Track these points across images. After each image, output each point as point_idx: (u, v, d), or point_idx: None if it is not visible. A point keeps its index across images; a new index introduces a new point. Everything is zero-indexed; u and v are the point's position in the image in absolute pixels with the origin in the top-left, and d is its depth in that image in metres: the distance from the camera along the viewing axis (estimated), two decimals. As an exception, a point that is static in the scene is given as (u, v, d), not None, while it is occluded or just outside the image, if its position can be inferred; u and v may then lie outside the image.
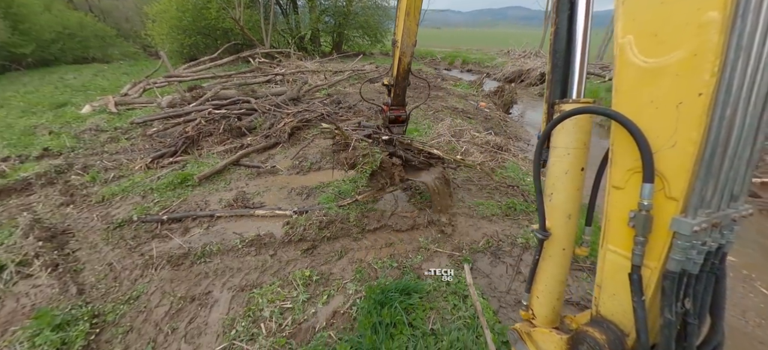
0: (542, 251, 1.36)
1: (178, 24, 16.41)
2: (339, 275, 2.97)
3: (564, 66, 1.33)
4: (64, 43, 19.83)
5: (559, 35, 1.33)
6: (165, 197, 4.24)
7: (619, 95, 0.99)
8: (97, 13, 25.91)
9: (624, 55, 0.95)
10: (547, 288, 1.40)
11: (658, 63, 0.88)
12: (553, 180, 1.29)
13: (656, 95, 0.89)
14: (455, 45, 34.88)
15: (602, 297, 1.16)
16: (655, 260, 0.96)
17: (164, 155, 5.26)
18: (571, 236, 1.33)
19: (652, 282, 0.98)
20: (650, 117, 0.91)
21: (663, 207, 0.92)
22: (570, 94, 1.33)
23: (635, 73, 0.93)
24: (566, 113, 1.16)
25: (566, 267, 1.36)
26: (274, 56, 15.56)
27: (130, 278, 2.99)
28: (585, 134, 1.23)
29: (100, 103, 8.60)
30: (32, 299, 2.80)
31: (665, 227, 0.91)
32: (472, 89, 12.73)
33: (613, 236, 1.09)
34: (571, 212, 1.29)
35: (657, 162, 0.90)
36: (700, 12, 0.78)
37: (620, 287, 1.07)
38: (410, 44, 3.35)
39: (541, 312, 1.43)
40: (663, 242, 0.93)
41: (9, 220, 3.82)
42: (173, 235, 3.49)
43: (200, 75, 11.14)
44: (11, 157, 5.48)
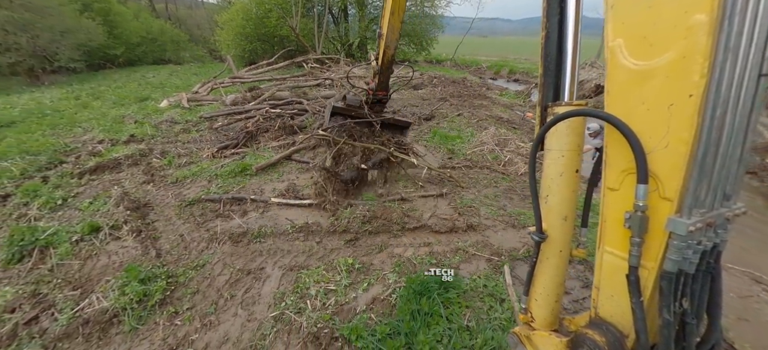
0: (539, 253, 1.37)
1: (241, 31, 17.99)
2: (378, 266, 3.13)
3: (556, 70, 1.35)
4: (147, 46, 22.65)
5: (549, 40, 1.35)
6: (227, 182, 4.73)
7: (610, 97, 1.00)
8: (174, 21, 29.22)
9: (615, 58, 0.97)
10: (545, 291, 1.39)
11: (648, 65, 0.89)
12: (548, 182, 1.30)
13: (647, 97, 0.90)
14: (503, 54, 33.94)
15: (601, 299, 1.16)
16: (652, 261, 0.96)
17: (227, 146, 5.85)
18: (567, 238, 1.32)
19: (649, 283, 0.98)
20: (642, 118, 0.92)
21: (658, 208, 0.92)
22: (562, 97, 1.34)
23: (626, 76, 0.94)
24: (559, 115, 1.18)
25: (564, 268, 1.37)
26: (324, 62, 16.40)
27: (197, 248, 3.40)
28: (578, 137, 1.24)
29: (175, 98, 9.73)
30: (120, 257, 3.32)
31: (661, 227, 0.91)
32: (519, 99, 12.37)
33: (609, 237, 1.08)
34: (567, 214, 1.29)
35: (650, 163, 0.91)
36: (688, 15, 0.80)
37: (618, 288, 1.07)
38: (394, 39, 3.78)
39: (539, 315, 1.43)
40: (659, 242, 0.94)
41: (104, 191, 4.52)
42: (234, 216, 3.90)
43: (259, 77, 12.11)
44: (105, 140, 6.44)
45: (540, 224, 1.32)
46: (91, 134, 6.94)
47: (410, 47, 24.42)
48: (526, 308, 1.48)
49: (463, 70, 21.29)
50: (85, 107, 9.44)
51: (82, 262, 3.24)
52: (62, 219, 3.93)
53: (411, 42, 24.06)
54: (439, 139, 6.69)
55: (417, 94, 11.76)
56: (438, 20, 24.06)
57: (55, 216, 3.99)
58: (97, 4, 19.30)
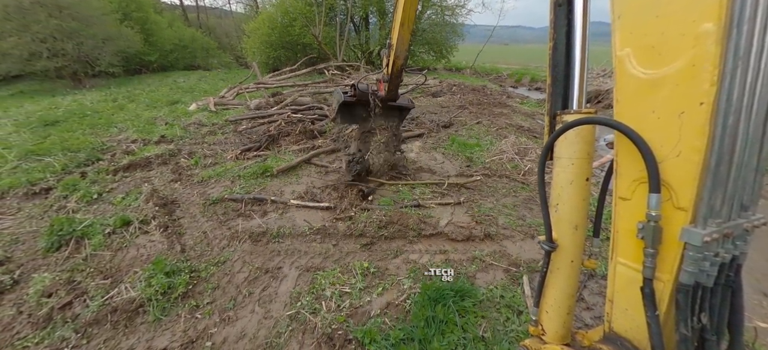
0: (550, 263, 1.33)
1: (267, 39, 18.66)
2: (394, 271, 3.13)
3: (564, 79, 1.35)
4: (179, 53, 23.90)
5: (557, 50, 1.35)
6: (249, 183, 4.89)
7: (620, 106, 0.99)
8: (204, 29, 30.70)
9: (623, 67, 0.96)
10: (556, 302, 1.36)
11: (657, 74, 0.88)
12: (558, 190, 1.29)
13: (657, 105, 0.89)
14: (524, 62, 33.38)
15: (614, 313, 1.13)
16: (668, 273, 0.93)
17: (250, 149, 6.05)
18: (579, 248, 1.30)
19: (665, 296, 0.95)
20: (653, 127, 0.91)
21: (672, 218, 0.90)
22: (571, 105, 1.33)
23: (635, 85, 0.93)
24: (568, 123, 1.16)
25: (575, 279, 1.33)
26: (345, 69, 16.71)
27: (219, 245, 3.52)
28: (588, 144, 1.23)
29: (203, 102, 10.18)
30: (148, 250, 3.48)
31: (675, 238, 0.89)
32: (540, 108, 12.09)
33: (622, 248, 1.06)
34: (578, 223, 1.26)
35: (663, 172, 0.89)
36: (696, 24, 0.79)
37: (632, 301, 1.04)
38: (403, 49, 3.78)
39: (550, 328, 1.39)
40: (674, 253, 0.91)
41: (135, 188, 4.77)
42: (255, 215, 4.01)
43: (282, 83, 12.49)
44: (138, 140, 6.81)
45: (550, 233, 1.30)
46: (125, 133, 7.37)
47: (430, 55, 24.47)
48: (537, 320, 1.45)
49: (483, 78, 21.09)
50: (121, 109, 10.04)
51: (114, 253, 3.43)
52: (97, 212, 4.17)
53: (431, 50, 24.11)
54: (457, 146, 6.64)
55: (436, 101, 11.74)
56: (458, 29, 24.01)
57: (90, 209, 4.25)
58: (136, 14, 20.61)
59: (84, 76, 16.31)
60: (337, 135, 6.68)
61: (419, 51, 24.37)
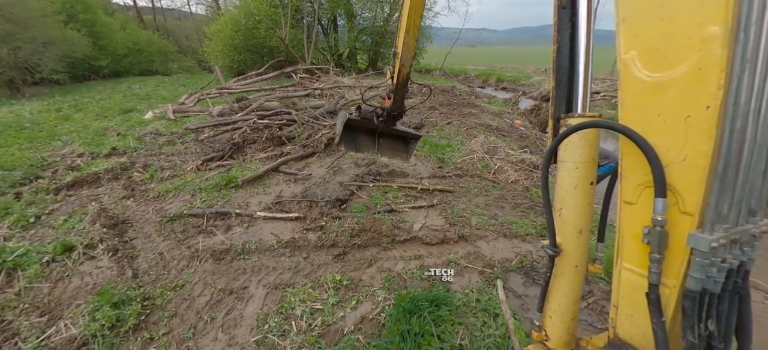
0: (554, 268, 1.33)
1: (230, 42, 17.89)
2: (368, 282, 3.02)
3: (568, 82, 1.35)
4: (134, 57, 22.34)
5: (561, 53, 1.35)
6: (212, 196, 4.57)
7: (625, 109, 0.98)
8: (162, 32, 28.97)
9: (628, 71, 0.95)
10: (560, 308, 1.35)
11: (663, 77, 0.87)
12: (563, 195, 1.27)
13: (663, 109, 0.89)
14: (490, 63, 34.53)
15: (619, 318, 1.11)
16: (674, 279, 0.92)
17: (213, 158, 5.69)
18: (583, 253, 1.29)
19: (671, 302, 0.94)
20: (658, 130, 0.90)
21: (678, 222, 0.89)
22: (575, 108, 1.33)
23: (640, 88, 0.93)
24: (573, 127, 1.16)
25: (579, 284, 1.32)
26: (313, 72, 16.38)
27: (177, 267, 3.24)
28: (592, 148, 1.22)
29: (160, 110, 9.53)
30: (94, 278, 3.13)
31: (682, 243, 0.88)
32: (507, 107, 12.51)
33: (627, 253, 1.05)
34: (582, 228, 1.26)
35: (668, 176, 0.88)
36: (702, 27, 0.78)
37: (638, 307, 1.03)
38: (409, 57, 3.62)
39: (554, 333, 1.38)
40: (680, 259, 0.90)
41: (80, 208, 4.31)
42: (217, 231, 3.74)
43: (247, 88, 11.98)
44: (85, 153, 6.21)
45: (554, 238, 1.29)
46: (70, 147, 6.70)
47: (400, 57, 24.60)
48: (541, 326, 1.43)
49: (452, 79, 21.53)
50: (66, 120, 9.15)
51: (53, 285, 3.05)
52: (34, 238, 3.71)
53: (401, 52, 24.26)
54: (429, 148, 6.65)
55: (407, 103, 11.76)
56: (426, 31, 24.38)
57: (26, 235, 3.77)
58: (82, 15, 18.99)
59: (23, 83, 14.75)
60: (307, 141, 6.47)
61: (388, 53, 24.48)
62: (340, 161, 5.81)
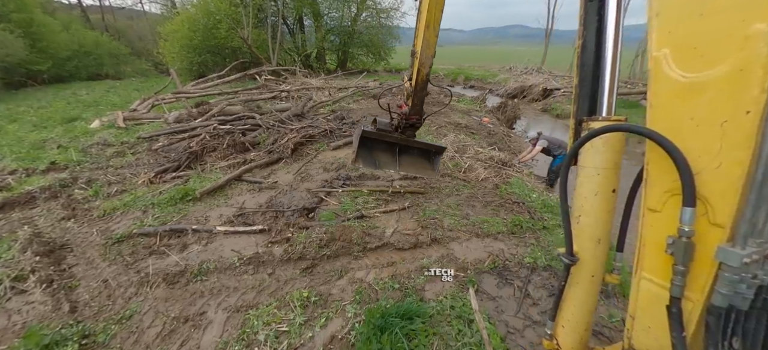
0: (569, 277, 1.28)
1: (188, 43, 16.89)
2: (338, 296, 2.86)
3: (592, 81, 1.28)
4: (80, 60, 20.49)
5: (586, 49, 1.28)
6: (166, 212, 4.20)
7: (654, 111, 0.92)
8: (112, 33, 26.85)
9: (659, 70, 0.89)
10: (573, 317, 1.31)
11: (698, 78, 0.81)
12: (581, 201, 1.22)
13: (697, 112, 0.82)
14: (458, 63, 35.30)
15: (635, 329, 1.06)
16: (698, 293, 0.87)
17: (168, 169, 5.26)
18: (601, 262, 1.25)
19: (693, 317, 0.89)
20: (690, 135, 0.84)
21: (706, 234, 0.83)
22: (600, 110, 1.26)
23: (673, 89, 0.86)
24: (595, 130, 1.09)
25: (595, 294, 1.29)
26: (280, 74, 15.85)
27: (124, 296, 2.91)
28: (616, 154, 1.16)
29: (109, 118, 8.75)
30: (24, 316, 2.73)
31: (709, 256, 0.82)
32: (475, 105, 12.75)
33: (648, 263, 0.99)
34: (601, 237, 1.21)
35: (699, 184, 0.83)
36: (746, 23, 0.72)
37: (656, 319, 0.98)
38: (429, 56, 3.34)
39: (566, 342, 1.34)
40: (707, 272, 0.84)
41: (9, 234, 3.80)
42: (171, 252, 3.42)
43: (208, 92, 11.34)
44: (18, 170, 5.53)
45: (571, 246, 1.23)
46: (0, 163, 5.95)
47: (369, 57, 24.51)
48: (552, 334, 1.40)
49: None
50: (-5, 132, 8.16)
51: (-31, 329, 2.62)
52: (-53, 274, 3.20)
53: (369, 52, 24.17)
54: (400, 149, 6.57)
55: (377, 103, 11.66)
56: (394, 31, 24.44)
57: (-63, 271, 3.25)
58: (16, 15, 17.13)
59: (-57, 93, 13.07)
60: (273, 147, 6.16)
61: (358, 53, 24.29)
62: (308, 167, 5.59)
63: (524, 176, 5.89)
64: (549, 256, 3.49)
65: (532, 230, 4.03)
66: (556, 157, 6.10)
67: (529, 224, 4.09)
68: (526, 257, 3.45)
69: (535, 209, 4.46)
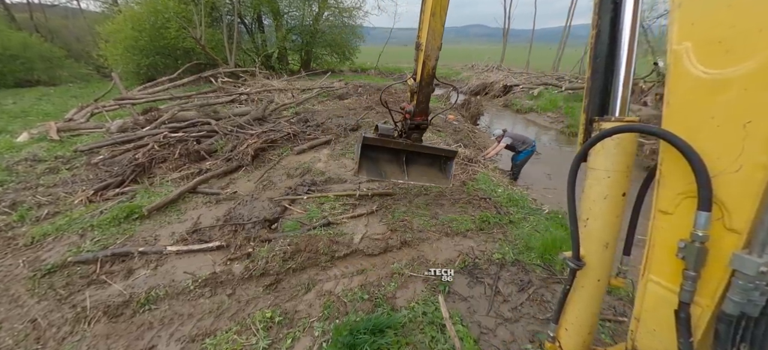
0: (574, 281, 1.25)
1: (134, 44, 15.55)
2: (305, 312, 2.70)
3: (605, 73, 1.22)
4: (4, 65, 18.14)
5: (600, 39, 1.21)
6: (108, 234, 3.77)
7: (671, 110, 0.88)
8: (44, 33, 24.08)
9: (680, 65, 0.84)
10: (577, 321, 1.29)
11: (722, 75, 0.76)
12: (590, 204, 1.18)
13: (718, 111, 0.78)
14: (423, 61, 35.76)
15: (640, 332, 1.04)
16: (708, 299, 0.85)
17: (110, 185, 4.75)
18: (607, 267, 1.22)
19: (702, 322, 0.87)
20: (710, 136, 0.80)
21: (720, 239, 0.80)
22: (612, 110, 1.21)
23: (693, 86, 0.82)
24: (606, 131, 1.05)
25: (600, 298, 1.26)
26: (238, 76, 15.09)
27: (56, 336, 2.54)
28: (628, 156, 1.11)
29: (40, 130, 7.79)
30: (-76, 375, 2.29)
31: (723, 262, 0.79)
32: (440, 103, 12.94)
33: (657, 265, 0.97)
34: (609, 241, 1.18)
35: (716, 187, 0.79)
36: None
37: (662, 322, 0.96)
38: (435, 47, 3.13)
39: (569, 345, 1.33)
40: (719, 278, 0.82)
41: None
42: (113, 280, 3.05)
43: (157, 97, 10.49)
44: None
45: (578, 251, 1.20)
46: None
47: (333, 57, 24.11)
48: (554, 336, 1.38)
49: (387, 78, 21.71)
50: None
51: None
52: None
53: (333, 52, 23.78)
54: (367, 150, 6.45)
55: (343, 104, 11.45)
56: (358, 30, 24.22)
57: None
58: None
59: None
60: (231, 154, 5.79)
61: (321, 53, 23.79)
62: (271, 173, 5.30)
63: (490, 172, 6.01)
64: (516, 250, 3.56)
65: (500, 225, 4.09)
66: (520, 152, 6.30)
67: (495, 220, 4.15)
68: (495, 253, 3.49)
69: (501, 204, 4.54)
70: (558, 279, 3.17)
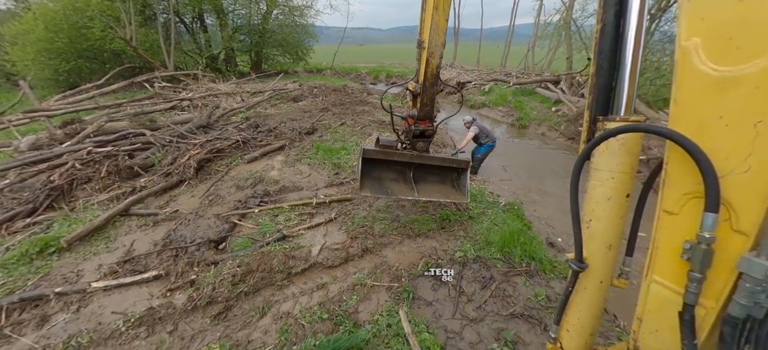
0: (576, 282, 1.24)
1: (49, 47, 13.59)
2: (260, 340, 2.46)
3: (609, 69, 1.17)
4: None
5: (604, 34, 1.16)
6: (15, 275, 3.17)
7: (678, 108, 0.85)
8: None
9: (688, 62, 0.81)
10: (579, 322, 1.28)
11: (732, 72, 0.74)
12: (593, 206, 1.16)
13: (727, 110, 0.75)
14: (378, 60, 35.94)
15: (642, 332, 1.03)
16: (713, 300, 0.84)
17: (18, 215, 4.03)
18: (610, 268, 1.20)
19: (706, 324, 0.86)
20: (718, 135, 0.78)
21: (727, 241, 0.79)
22: (618, 109, 1.17)
23: (701, 83, 0.79)
24: (610, 130, 1.02)
25: (602, 300, 1.25)
26: (179, 80, 13.88)
27: (-63, 413, 2.04)
28: (633, 157, 1.09)
29: None
30: None
31: (729, 264, 0.78)
32: (398, 101, 13.00)
33: (660, 266, 0.95)
34: (612, 243, 1.16)
35: (723, 188, 0.77)
36: None
37: (665, 323, 0.94)
38: (439, 43, 2.91)
39: (570, 346, 1.32)
40: (725, 280, 0.80)
41: None
42: (22, 332, 2.56)
43: (80, 106, 9.25)
44: None
45: (581, 252, 1.19)
46: None
47: (286, 58, 23.20)
48: (556, 338, 1.37)
49: (343, 78, 21.40)
50: None
51: None
52: None
53: (286, 52, 22.88)
54: (323, 154, 6.22)
55: (297, 106, 11.02)
56: (310, 29, 23.54)
57: None
58: None
59: None
60: (171, 167, 5.23)
61: (273, 54, 22.78)
62: (218, 186, 4.87)
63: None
64: (477, 246, 3.59)
65: (460, 222, 4.13)
66: (482, 145, 6.43)
67: (456, 217, 4.18)
68: (457, 251, 3.49)
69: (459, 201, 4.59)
70: (518, 271, 3.25)
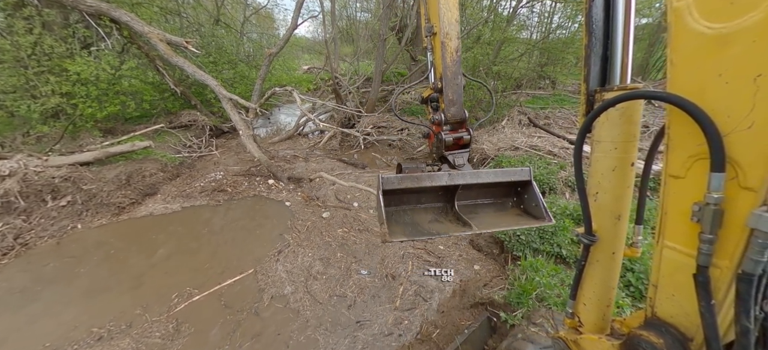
0: (588, 255, 1.24)
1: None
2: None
3: (603, 38, 1.14)
4: None
5: (595, 2, 1.12)
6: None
7: (676, 70, 0.83)
8: None
9: (681, 22, 0.79)
10: (595, 295, 1.28)
11: (727, 28, 0.72)
12: (598, 178, 1.16)
13: (726, 67, 0.74)
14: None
15: (659, 298, 1.04)
16: (727, 260, 0.82)
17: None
18: (621, 239, 1.20)
19: (722, 284, 0.84)
20: (718, 94, 0.76)
21: (736, 199, 0.77)
22: (612, 77, 1.14)
23: (697, 42, 0.77)
24: (609, 100, 1.01)
25: (617, 271, 1.25)
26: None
27: None
28: (634, 125, 1.07)
29: None
30: None
31: (740, 222, 0.77)
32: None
33: (671, 231, 0.94)
34: (621, 213, 1.16)
35: (728, 147, 0.76)
36: None
37: (680, 287, 0.95)
38: (453, 19, 2.09)
39: (589, 320, 1.33)
40: (737, 238, 0.79)
41: None
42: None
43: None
44: None
45: (590, 225, 1.19)
46: None
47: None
48: (573, 312, 1.38)
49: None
50: None
51: None
52: None
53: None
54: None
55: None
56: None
57: None
58: None
59: None
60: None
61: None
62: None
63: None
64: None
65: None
66: None
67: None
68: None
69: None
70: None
